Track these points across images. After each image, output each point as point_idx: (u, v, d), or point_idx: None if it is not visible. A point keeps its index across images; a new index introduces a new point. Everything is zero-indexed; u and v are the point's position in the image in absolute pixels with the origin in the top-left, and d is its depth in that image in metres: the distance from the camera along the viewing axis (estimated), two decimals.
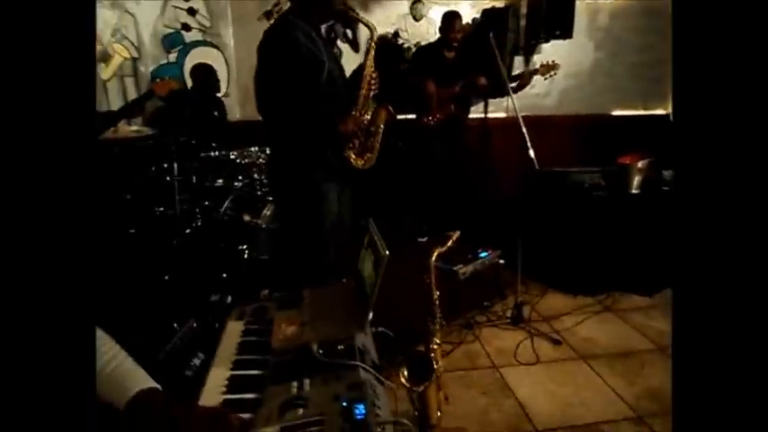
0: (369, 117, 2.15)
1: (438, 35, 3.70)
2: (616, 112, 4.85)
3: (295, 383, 1.07)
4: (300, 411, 0.95)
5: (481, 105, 4.30)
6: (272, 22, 2.69)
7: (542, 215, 3.64)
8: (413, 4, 4.44)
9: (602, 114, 4.81)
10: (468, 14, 4.30)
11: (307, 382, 1.08)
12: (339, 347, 1.22)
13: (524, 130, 2.78)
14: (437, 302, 1.87)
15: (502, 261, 3.30)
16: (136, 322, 2.48)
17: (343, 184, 2.23)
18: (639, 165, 3.25)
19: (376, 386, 1.12)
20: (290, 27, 1.96)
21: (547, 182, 3.71)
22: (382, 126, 2.18)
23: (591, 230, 3.32)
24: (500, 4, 4.38)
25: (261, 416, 0.96)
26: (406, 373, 1.61)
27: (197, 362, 1.73)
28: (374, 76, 2.14)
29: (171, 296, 2.70)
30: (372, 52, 2.12)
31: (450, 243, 1.91)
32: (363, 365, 1.15)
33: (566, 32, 4.05)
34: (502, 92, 3.27)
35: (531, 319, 3.00)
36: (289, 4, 2.18)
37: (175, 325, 2.35)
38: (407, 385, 1.57)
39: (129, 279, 2.67)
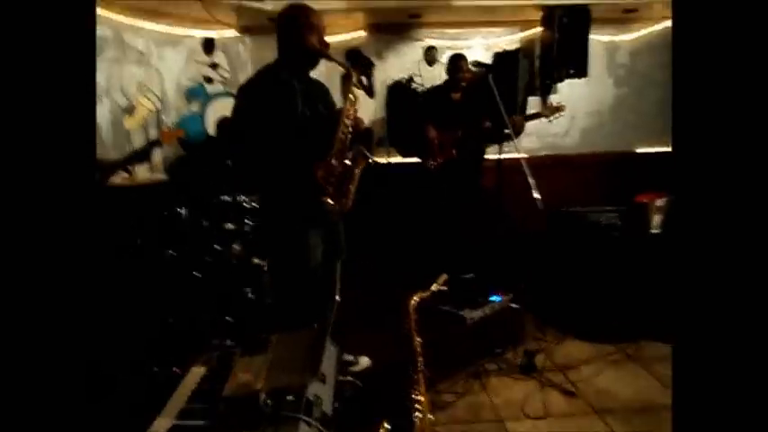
0: (345, 161, 2.10)
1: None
2: (640, 150, 4.70)
3: None
4: None
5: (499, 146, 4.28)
6: None
7: (559, 257, 3.50)
8: (427, 50, 4.53)
9: (626, 152, 4.67)
10: (483, 58, 4.35)
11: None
12: (288, 398, 1.17)
13: (527, 170, 2.72)
14: (418, 350, 1.78)
15: (515, 305, 3.16)
16: (137, 365, 2.50)
17: (325, 231, 2.19)
18: (658, 203, 3.10)
19: None
20: (263, 75, 2.03)
21: (564, 222, 3.59)
22: (358, 170, 2.12)
23: (610, 273, 3.15)
24: (514, 47, 4.43)
25: None
26: (386, 426, 1.53)
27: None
28: (350, 119, 2.08)
29: (175, 339, 2.72)
30: (350, 96, 2.10)
31: (434, 287, 1.84)
32: (306, 418, 1.09)
33: (580, 71, 4.01)
34: (504, 136, 3.23)
35: (544, 368, 2.82)
36: None
37: (175, 369, 2.36)
38: None
39: (136, 320, 2.72)
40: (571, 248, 3.45)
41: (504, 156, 4.41)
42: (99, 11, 3.57)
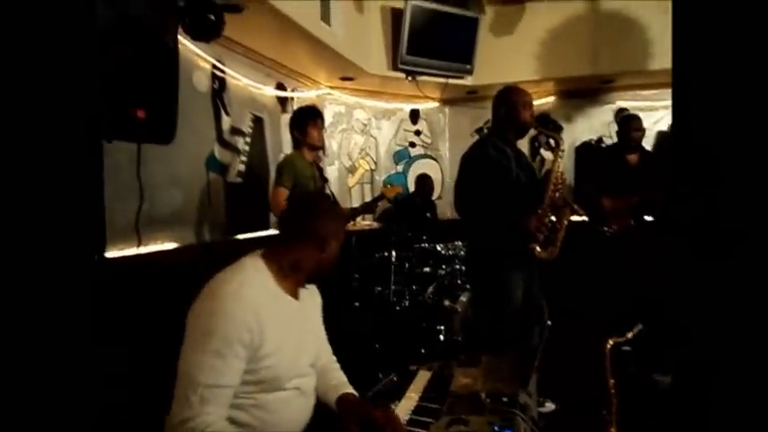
0: (553, 215, 2.42)
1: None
2: None
3: (463, 416, 1.37)
4: (462, 427, 1.24)
5: None
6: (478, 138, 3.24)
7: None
8: (617, 112, 4.61)
9: None
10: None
11: (472, 417, 1.36)
12: (503, 399, 1.47)
13: None
14: (613, 391, 1.90)
15: None
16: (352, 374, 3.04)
17: (529, 274, 2.48)
18: None
19: None
20: (483, 144, 2.45)
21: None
22: (566, 222, 2.42)
23: None
24: None
25: (432, 428, 1.29)
26: None
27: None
28: (560, 179, 2.43)
29: (379, 361, 3.21)
30: (558, 160, 2.44)
31: (630, 335, 1.97)
32: (521, 415, 1.38)
33: None
34: None
35: None
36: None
37: (380, 375, 2.83)
38: None
39: (350, 343, 3.30)
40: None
41: None
42: (336, 93, 4.57)
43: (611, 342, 1.95)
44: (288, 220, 1.43)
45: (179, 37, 1.64)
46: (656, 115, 4.45)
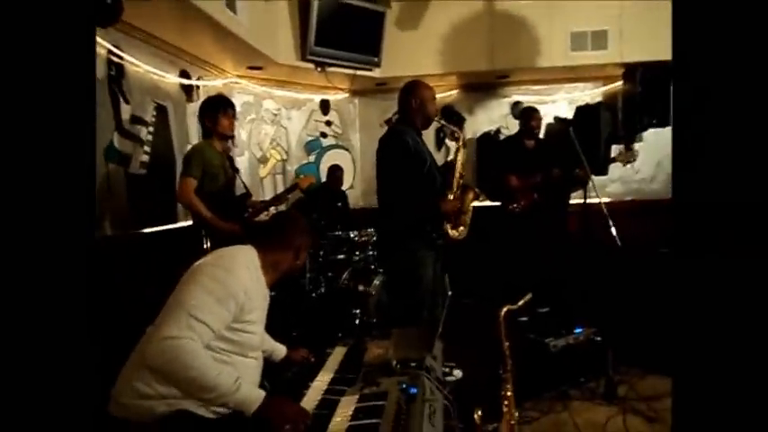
0: (459, 198, 2.66)
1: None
2: None
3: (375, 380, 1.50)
4: (374, 388, 1.37)
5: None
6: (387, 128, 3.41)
7: (644, 297, 3.65)
8: (513, 105, 5.01)
9: None
10: (565, 113, 4.73)
11: (383, 379, 1.50)
12: (411, 364, 1.62)
13: (605, 211, 3.02)
14: (507, 353, 2.14)
15: (598, 338, 3.36)
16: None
17: (437, 254, 2.69)
18: None
19: (435, 391, 1.49)
20: (400, 133, 2.60)
21: (649, 264, 3.75)
22: (470, 205, 2.66)
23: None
24: (596, 100, 4.77)
25: (347, 392, 1.40)
26: (479, 413, 1.91)
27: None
28: (463, 167, 2.67)
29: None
30: (462, 150, 2.68)
31: (521, 303, 2.22)
32: (427, 375, 1.54)
33: (662, 121, 4.24)
34: (575, 183, 3.55)
35: (626, 397, 2.99)
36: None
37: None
38: (478, 423, 1.86)
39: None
40: (656, 289, 3.60)
41: (589, 201, 4.71)
42: (244, 82, 4.50)
43: (504, 309, 2.20)
44: (272, 231, 1.76)
45: None
46: (545, 108, 4.90)
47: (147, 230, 3.30)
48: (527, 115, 3.98)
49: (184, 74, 3.81)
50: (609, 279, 4.03)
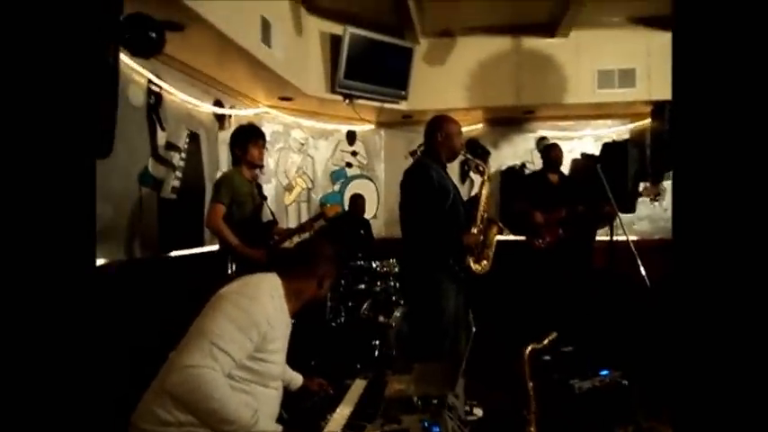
0: (482, 232, 2.65)
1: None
2: None
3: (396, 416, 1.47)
4: (395, 426, 1.34)
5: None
6: (412, 160, 3.45)
7: (671, 337, 3.53)
8: (539, 140, 5.02)
9: None
10: (592, 149, 4.71)
11: (405, 417, 1.47)
12: (433, 401, 1.59)
13: (634, 250, 2.96)
14: (531, 393, 2.08)
15: (625, 382, 3.24)
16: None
17: (459, 287, 2.66)
18: None
19: (457, 430, 1.46)
20: (425, 167, 2.62)
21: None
22: (494, 239, 2.64)
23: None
24: (623, 137, 4.73)
25: (367, 428, 1.38)
26: None
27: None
28: (487, 201, 2.67)
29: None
30: (486, 184, 2.69)
31: (546, 341, 2.17)
32: (449, 413, 1.50)
33: None
34: (602, 219, 3.50)
35: None
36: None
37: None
38: None
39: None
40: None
41: (616, 238, 4.63)
42: (274, 112, 4.62)
43: (529, 348, 2.15)
44: (297, 259, 1.75)
45: None
46: (571, 144, 4.89)
47: (174, 254, 3.36)
48: (547, 149, 4.01)
49: (218, 103, 3.95)
50: (636, 319, 3.91)
